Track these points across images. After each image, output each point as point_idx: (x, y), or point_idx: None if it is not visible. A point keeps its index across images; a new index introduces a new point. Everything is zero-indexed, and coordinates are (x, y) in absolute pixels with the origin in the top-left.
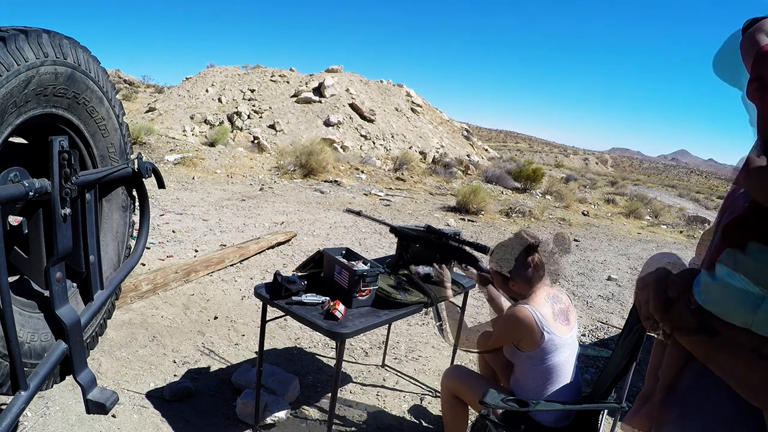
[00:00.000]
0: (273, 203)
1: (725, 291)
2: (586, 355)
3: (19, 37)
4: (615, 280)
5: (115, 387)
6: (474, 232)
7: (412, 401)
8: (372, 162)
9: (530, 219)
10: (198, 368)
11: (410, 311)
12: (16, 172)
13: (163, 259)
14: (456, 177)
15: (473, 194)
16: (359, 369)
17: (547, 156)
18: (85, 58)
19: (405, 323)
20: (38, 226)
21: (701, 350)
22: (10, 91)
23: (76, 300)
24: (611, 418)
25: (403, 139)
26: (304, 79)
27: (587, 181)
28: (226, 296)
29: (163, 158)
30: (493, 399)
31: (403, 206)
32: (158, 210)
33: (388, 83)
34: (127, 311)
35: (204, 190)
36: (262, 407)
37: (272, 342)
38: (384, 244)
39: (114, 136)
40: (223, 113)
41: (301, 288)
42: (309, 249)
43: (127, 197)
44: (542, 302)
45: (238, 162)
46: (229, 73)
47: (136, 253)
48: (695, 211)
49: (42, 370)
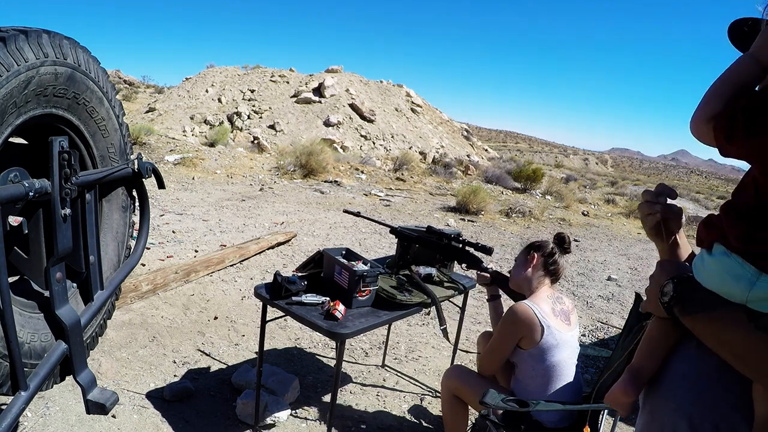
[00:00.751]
0: (273, 203)
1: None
2: (586, 355)
3: (19, 37)
4: (615, 280)
5: (115, 387)
6: (474, 232)
7: (412, 401)
8: (372, 162)
9: (530, 219)
10: (198, 368)
11: (410, 311)
12: (16, 172)
13: (163, 260)
14: (456, 177)
15: (473, 194)
16: (359, 369)
17: (547, 156)
18: (85, 58)
19: (405, 323)
20: (38, 226)
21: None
22: (10, 91)
23: (76, 300)
24: (611, 418)
25: (403, 139)
26: (304, 80)
27: (587, 181)
28: (226, 296)
29: (163, 158)
30: (493, 399)
31: (403, 206)
32: (158, 210)
33: (388, 83)
34: (127, 311)
35: (204, 190)
36: (262, 407)
37: (272, 342)
38: (384, 244)
39: (114, 137)
40: (223, 113)
41: (301, 288)
42: (309, 249)
43: (127, 197)
44: (542, 300)
45: (238, 162)
46: (229, 74)
47: (136, 254)
48: (695, 211)
49: (42, 371)
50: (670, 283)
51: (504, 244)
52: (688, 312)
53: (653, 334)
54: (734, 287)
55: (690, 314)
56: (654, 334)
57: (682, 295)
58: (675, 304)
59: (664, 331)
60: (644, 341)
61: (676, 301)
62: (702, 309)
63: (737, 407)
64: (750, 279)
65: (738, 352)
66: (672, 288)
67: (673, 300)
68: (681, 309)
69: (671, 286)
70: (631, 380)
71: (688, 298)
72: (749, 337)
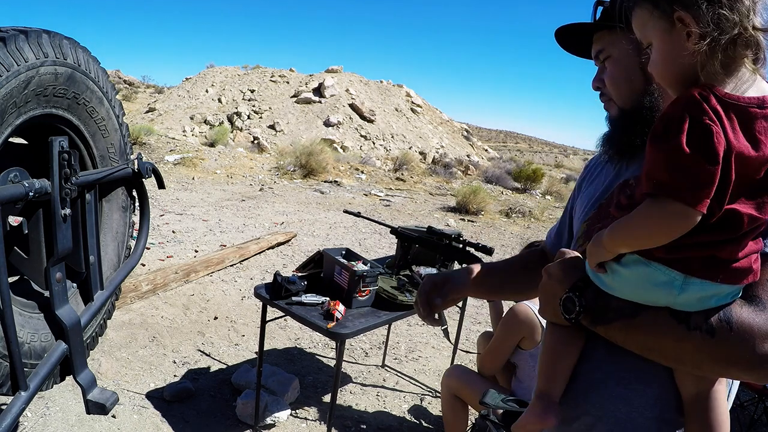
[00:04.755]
0: (273, 203)
1: (639, 277)
2: None
3: (19, 37)
4: None
5: (115, 387)
6: (474, 232)
7: (412, 401)
8: (372, 162)
9: (530, 219)
10: (198, 369)
11: (410, 312)
12: (16, 172)
13: (163, 260)
14: (456, 177)
15: (473, 194)
16: (359, 369)
17: (547, 156)
18: (85, 58)
19: (405, 323)
20: (38, 226)
21: (617, 334)
22: (10, 91)
23: (76, 300)
24: None
25: (403, 139)
26: (304, 80)
27: None
28: (226, 296)
29: (163, 158)
30: (493, 399)
31: (403, 206)
32: (158, 210)
33: (388, 83)
34: (127, 311)
35: (204, 190)
36: (262, 408)
37: (272, 342)
38: (384, 244)
39: (114, 137)
40: (223, 113)
41: (301, 288)
42: (309, 249)
43: (127, 197)
44: None
45: (238, 162)
46: (229, 74)
47: (136, 254)
48: None
49: (42, 371)
50: (572, 296)
51: (504, 244)
52: (602, 322)
53: (554, 347)
54: (658, 294)
55: (604, 324)
56: (554, 346)
57: (591, 306)
58: (583, 316)
59: (566, 341)
60: (544, 356)
61: (585, 312)
62: (618, 317)
63: (662, 399)
64: (678, 284)
65: (670, 354)
66: (577, 302)
67: (579, 313)
68: (592, 320)
69: (575, 301)
70: (544, 409)
71: (599, 306)
72: (683, 339)
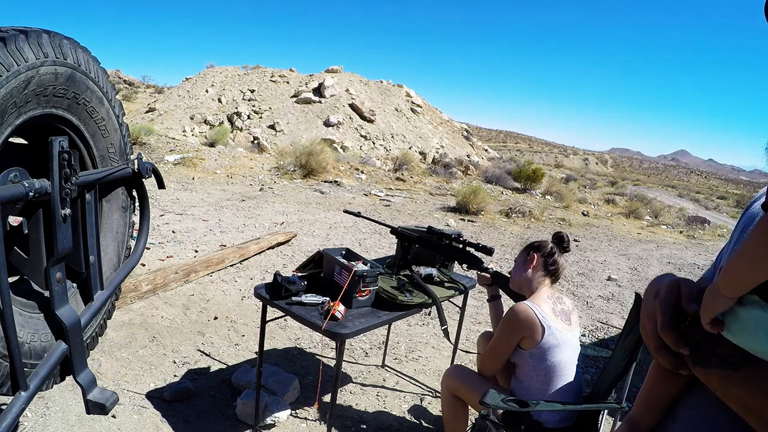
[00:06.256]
0: (273, 203)
1: (755, 323)
2: (586, 355)
3: (19, 37)
4: (615, 280)
5: (115, 387)
6: (474, 232)
7: (412, 401)
8: (372, 162)
9: (530, 219)
10: (198, 368)
11: (410, 312)
12: (16, 172)
13: (163, 260)
14: (456, 177)
15: (473, 194)
16: (359, 369)
17: (547, 156)
18: (85, 58)
19: (405, 323)
20: (38, 226)
21: (720, 384)
22: (10, 91)
23: (76, 300)
24: (611, 419)
25: (403, 139)
26: (304, 80)
27: (587, 181)
28: (226, 296)
29: (163, 158)
30: (493, 399)
31: (403, 206)
32: (158, 210)
33: (387, 83)
34: (127, 311)
35: (204, 190)
36: (262, 408)
37: (272, 342)
38: (384, 244)
39: (114, 137)
40: (223, 113)
41: (301, 288)
42: (309, 249)
43: (127, 197)
44: (543, 300)
45: (238, 162)
46: (229, 74)
47: (136, 254)
48: (695, 212)
49: (42, 371)
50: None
51: (504, 244)
52: (702, 365)
53: (652, 382)
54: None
55: (704, 367)
56: (653, 381)
57: (695, 344)
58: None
59: (664, 380)
60: (644, 388)
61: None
62: (721, 365)
63: None
64: None
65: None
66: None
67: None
68: (693, 360)
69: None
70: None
71: (704, 349)
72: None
